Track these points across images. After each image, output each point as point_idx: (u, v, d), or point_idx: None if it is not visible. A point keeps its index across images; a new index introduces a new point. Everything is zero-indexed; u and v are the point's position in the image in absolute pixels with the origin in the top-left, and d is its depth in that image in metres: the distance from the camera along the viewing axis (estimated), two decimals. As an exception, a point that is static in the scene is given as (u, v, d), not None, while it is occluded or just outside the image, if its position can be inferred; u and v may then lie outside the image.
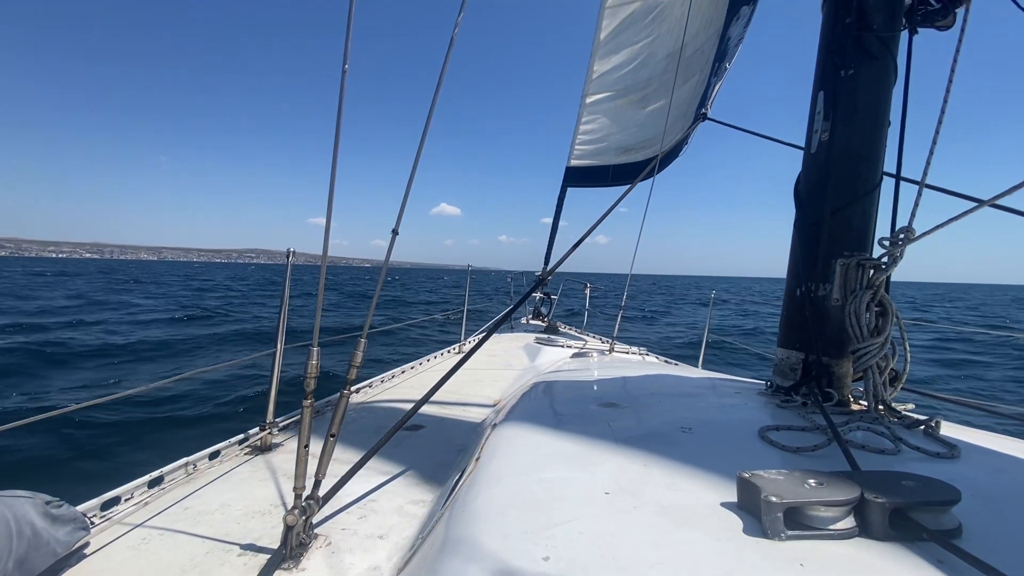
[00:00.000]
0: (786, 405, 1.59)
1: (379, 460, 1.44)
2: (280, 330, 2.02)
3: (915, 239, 1.49)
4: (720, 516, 0.85)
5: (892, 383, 1.51)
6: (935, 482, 0.83)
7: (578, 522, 0.85)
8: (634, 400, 1.81)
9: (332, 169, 1.30)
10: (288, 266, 2.07)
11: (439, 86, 1.47)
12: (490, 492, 1.04)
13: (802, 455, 1.16)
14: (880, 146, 1.66)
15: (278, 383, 2.05)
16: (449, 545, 0.90)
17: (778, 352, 1.79)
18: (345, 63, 1.29)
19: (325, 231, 1.32)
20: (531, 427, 1.54)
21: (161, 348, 9.74)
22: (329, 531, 1.34)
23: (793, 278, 1.76)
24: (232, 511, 1.48)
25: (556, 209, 6.37)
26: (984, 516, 0.85)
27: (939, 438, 1.27)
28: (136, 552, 1.26)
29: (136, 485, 1.57)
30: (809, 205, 1.73)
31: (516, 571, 0.73)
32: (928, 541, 0.75)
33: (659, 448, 1.22)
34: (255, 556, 1.24)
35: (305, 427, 1.25)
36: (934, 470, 1.06)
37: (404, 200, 1.45)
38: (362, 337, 1.37)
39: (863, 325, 1.50)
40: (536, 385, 2.25)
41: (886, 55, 1.64)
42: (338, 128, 1.31)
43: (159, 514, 1.45)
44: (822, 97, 1.71)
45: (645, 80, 4.58)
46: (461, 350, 4.68)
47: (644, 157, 4.98)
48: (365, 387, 3.12)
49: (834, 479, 0.83)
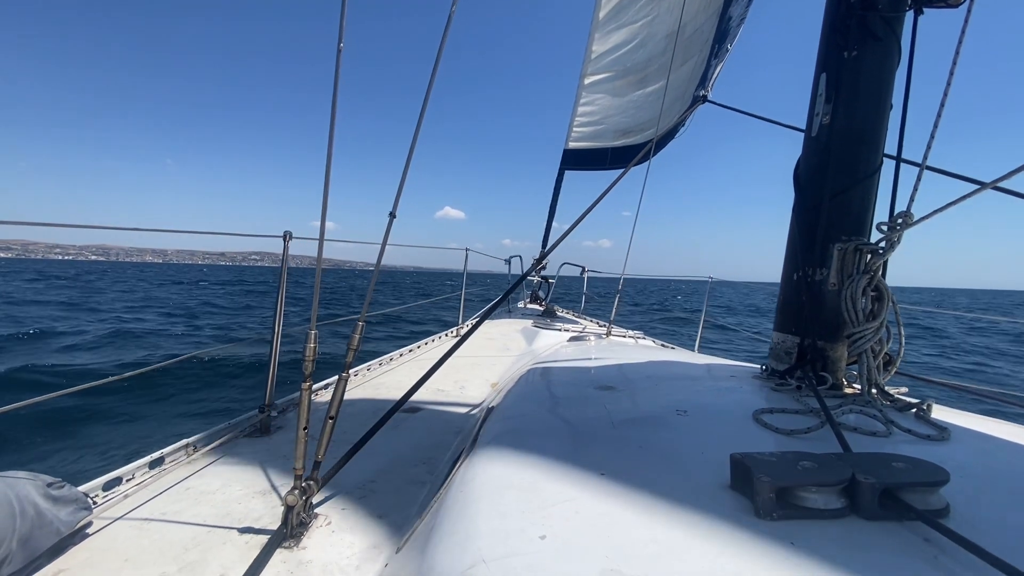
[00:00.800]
0: (781, 388, 1.60)
1: (378, 442, 1.45)
2: (278, 313, 2.02)
3: (913, 223, 1.49)
4: (713, 497, 0.87)
5: (886, 367, 1.53)
6: (924, 463, 0.84)
7: (574, 502, 0.87)
8: (631, 383, 1.82)
9: (328, 147, 1.29)
10: (285, 249, 2.06)
11: (435, 71, 1.44)
12: (488, 473, 1.05)
13: (795, 437, 1.17)
14: (882, 129, 1.65)
15: (276, 366, 2.06)
16: (447, 524, 0.92)
17: (774, 336, 1.80)
18: (340, 41, 1.27)
19: (322, 214, 1.31)
20: (528, 410, 1.56)
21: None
22: (329, 511, 1.36)
23: (790, 263, 1.76)
24: (233, 492, 1.49)
25: (554, 192, 6.33)
26: (971, 496, 0.87)
27: (930, 421, 1.29)
28: (138, 531, 1.27)
29: (137, 466, 1.58)
30: (808, 189, 1.73)
31: (513, 550, 0.74)
32: (916, 521, 0.76)
33: (655, 430, 1.24)
34: (256, 536, 1.26)
35: (304, 409, 1.26)
36: (924, 452, 1.08)
37: (401, 184, 1.44)
38: (360, 320, 1.37)
39: (859, 310, 1.50)
40: (533, 368, 2.27)
41: (890, 36, 1.62)
42: (334, 107, 1.29)
43: (160, 494, 1.47)
44: (824, 79, 1.69)
45: (644, 61, 4.51)
46: (459, 333, 4.69)
47: (644, 139, 4.93)
48: (363, 370, 3.13)
49: (826, 460, 0.85)
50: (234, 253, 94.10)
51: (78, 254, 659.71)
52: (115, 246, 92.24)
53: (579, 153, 5.72)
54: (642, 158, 2.47)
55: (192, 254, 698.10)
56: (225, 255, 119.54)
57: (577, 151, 5.72)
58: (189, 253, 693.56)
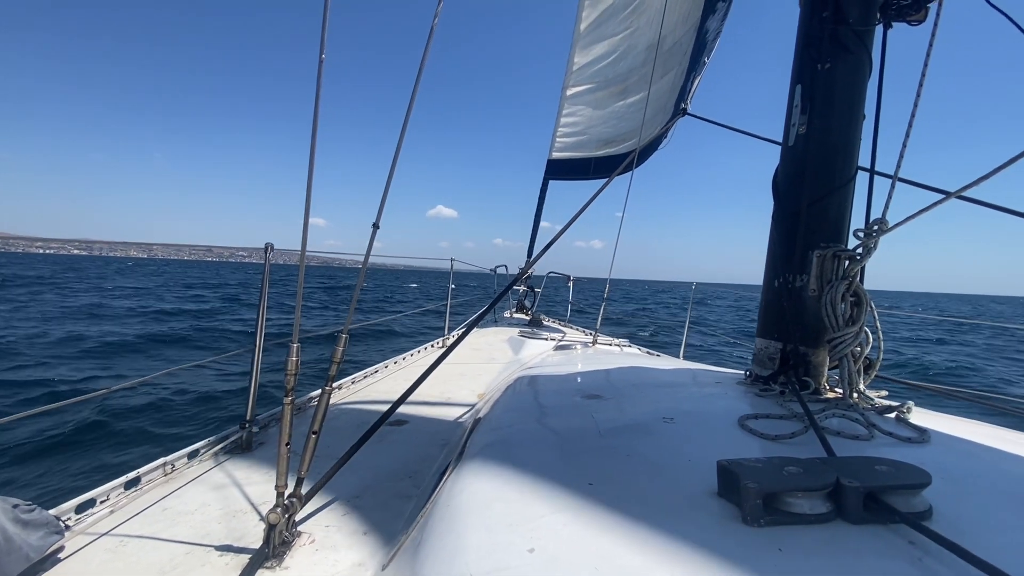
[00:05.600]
0: (765, 394, 1.62)
1: (363, 456, 1.43)
2: (259, 327, 1.99)
3: (888, 230, 1.53)
4: (701, 505, 0.87)
5: (866, 371, 1.55)
6: (906, 466, 0.85)
7: (563, 514, 0.86)
8: (617, 392, 1.82)
9: (310, 158, 1.28)
10: (267, 262, 2.03)
11: (419, 74, 1.45)
12: (475, 486, 1.04)
13: (780, 442, 1.18)
14: (855, 139, 1.70)
15: (257, 381, 2.02)
16: (434, 539, 0.90)
17: (757, 342, 1.82)
18: (322, 52, 1.26)
19: (304, 220, 1.29)
20: (515, 420, 1.54)
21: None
22: (313, 529, 1.33)
23: (771, 269, 1.79)
24: (212, 511, 1.45)
25: (539, 202, 6.36)
26: (953, 498, 0.88)
27: (910, 424, 1.31)
28: (113, 555, 1.23)
29: (112, 487, 1.53)
30: (787, 197, 1.76)
31: (502, 564, 0.73)
32: (900, 523, 0.77)
33: (642, 439, 1.24)
34: (237, 556, 1.22)
35: (286, 425, 1.23)
36: (905, 454, 1.10)
37: (384, 193, 1.43)
38: (344, 333, 1.35)
39: (839, 315, 1.53)
40: (520, 378, 2.26)
41: (861, 49, 1.67)
42: (315, 117, 1.28)
43: (136, 516, 1.42)
44: (799, 91, 1.74)
45: (625, 72, 4.58)
46: (444, 344, 4.66)
47: (625, 150, 5.00)
48: (347, 383, 3.08)
49: (811, 465, 0.86)
50: (221, 249, 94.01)
51: (60, 248, 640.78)
52: (99, 240, 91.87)
53: (562, 163, 5.78)
54: (624, 169, 2.50)
55: (179, 249, 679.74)
56: (212, 250, 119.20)
57: (560, 161, 5.78)
58: (176, 248, 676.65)
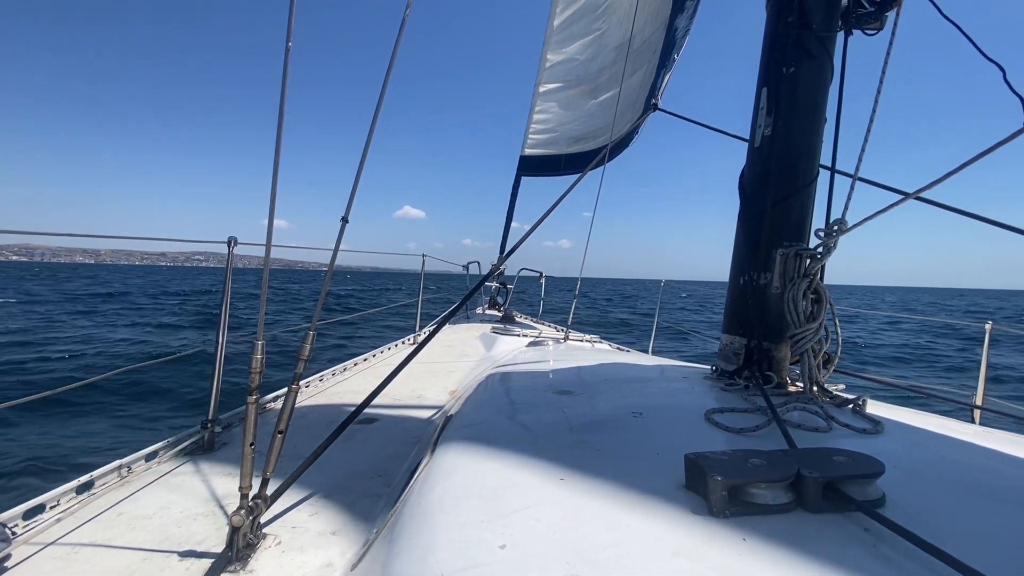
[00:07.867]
0: (730, 388, 1.67)
1: (331, 455, 1.40)
2: (222, 323, 1.92)
3: (848, 230, 1.59)
4: (670, 497, 0.89)
5: (825, 365, 1.62)
6: (862, 456, 0.89)
7: (534, 509, 0.86)
8: (588, 387, 1.84)
9: (276, 148, 1.24)
10: (229, 255, 1.96)
11: (389, 71, 1.42)
12: (446, 483, 1.04)
13: (745, 435, 1.22)
14: (818, 141, 1.76)
15: (220, 378, 1.95)
16: (405, 537, 0.89)
17: (723, 338, 1.87)
18: (288, 40, 1.23)
19: (269, 216, 1.26)
20: (487, 416, 1.54)
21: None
22: (279, 530, 1.29)
23: (737, 267, 1.84)
24: (172, 514, 1.40)
25: (511, 198, 6.36)
26: (905, 486, 0.93)
27: (866, 416, 1.38)
28: (64, 562, 1.17)
29: (63, 491, 1.46)
30: (752, 197, 1.81)
31: (473, 561, 0.73)
32: (856, 511, 0.81)
33: (612, 433, 1.25)
34: (198, 560, 1.18)
35: (250, 424, 1.20)
36: (861, 445, 1.15)
37: (354, 186, 1.40)
38: (311, 330, 1.32)
39: (800, 312, 1.59)
40: (492, 374, 2.26)
41: (823, 54, 1.73)
42: (281, 107, 1.24)
43: (90, 521, 1.35)
44: (765, 93, 1.79)
45: (596, 71, 4.62)
46: (416, 341, 4.62)
47: (595, 146, 5.05)
48: (315, 381, 3.02)
49: (773, 457, 0.88)
50: (176, 254, 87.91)
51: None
52: (41, 245, 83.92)
53: (534, 159, 5.79)
54: (596, 164, 2.52)
55: (129, 254, 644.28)
56: (166, 255, 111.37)
57: (532, 157, 5.79)
58: (126, 254, 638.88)
